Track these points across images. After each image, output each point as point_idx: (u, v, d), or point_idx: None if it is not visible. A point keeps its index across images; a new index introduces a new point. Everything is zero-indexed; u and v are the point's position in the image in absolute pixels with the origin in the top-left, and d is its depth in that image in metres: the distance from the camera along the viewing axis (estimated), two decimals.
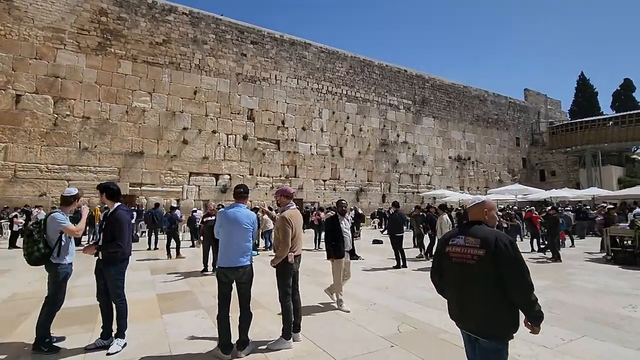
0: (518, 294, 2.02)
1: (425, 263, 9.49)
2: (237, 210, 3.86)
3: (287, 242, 4.05)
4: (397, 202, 9.30)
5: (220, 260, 3.78)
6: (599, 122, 30.27)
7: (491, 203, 2.35)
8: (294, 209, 4.36)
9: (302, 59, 24.25)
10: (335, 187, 24.64)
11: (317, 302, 5.75)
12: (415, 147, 28.71)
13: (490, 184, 32.31)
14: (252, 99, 22.27)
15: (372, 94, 27.07)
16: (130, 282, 7.18)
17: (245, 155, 21.72)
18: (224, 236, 3.82)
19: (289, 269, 4.14)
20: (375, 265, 9.23)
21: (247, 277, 3.79)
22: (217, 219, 3.95)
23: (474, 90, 33.15)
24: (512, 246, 2.04)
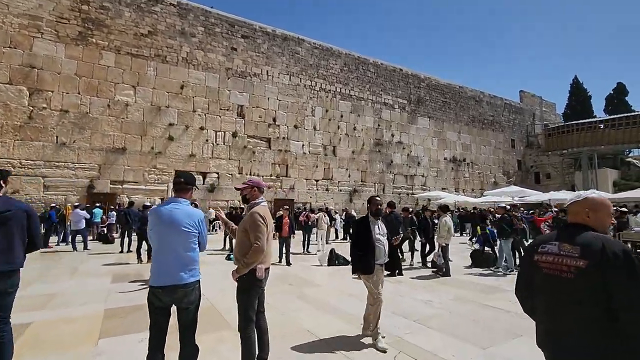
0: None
1: (422, 271, 8.49)
2: (174, 207, 2.79)
3: (261, 246, 2.98)
4: (392, 202, 8.30)
5: (152, 277, 2.73)
6: (595, 125, 29.61)
7: (600, 200, 1.72)
8: (266, 207, 3.32)
9: (294, 55, 23.23)
10: (328, 187, 23.62)
11: (296, 324, 4.69)
12: (410, 148, 27.80)
13: (485, 185, 31.50)
14: (243, 95, 21.20)
15: (367, 93, 26.12)
16: (82, 291, 6.15)
17: (234, 153, 20.63)
18: (156, 243, 2.76)
19: (256, 286, 3.08)
20: None
21: (191, 299, 2.73)
22: (149, 219, 2.88)
23: (470, 90, 32.36)
24: (628, 257, 1.48)
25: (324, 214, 11.46)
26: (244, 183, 3.49)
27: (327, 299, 5.84)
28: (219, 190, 19.96)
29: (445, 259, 7.78)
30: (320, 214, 11.52)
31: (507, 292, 6.48)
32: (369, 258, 4.02)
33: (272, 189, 21.51)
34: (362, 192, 24.95)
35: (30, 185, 15.79)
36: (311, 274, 7.96)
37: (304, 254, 11.20)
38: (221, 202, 20.03)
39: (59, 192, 16.29)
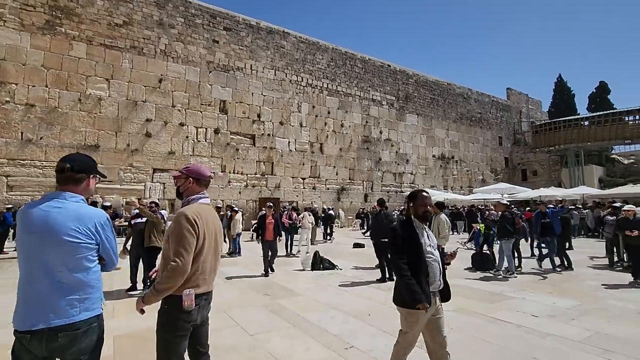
0: None
1: None
2: (52, 206, 1.79)
3: (182, 265, 2.01)
4: (382, 200, 7.43)
5: (16, 316, 1.75)
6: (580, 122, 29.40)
7: None
8: (206, 205, 2.35)
9: (280, 49, 22.20)
10: (315, 185, 22.68)
11: (264, 351, 3.72)
12: (399, 145, 27.06)
13: (473, 183, 31.02)
14: (225, 89, 20.08)
15: (355, 89, 25.26)
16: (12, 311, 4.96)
17: (216, 151, 19.51)
18: (22, 262, 1.78)
19: (182, 321, 2.07)
20: (355, 278, 7.29)
21: (82, 347, 1.75)
22: (17, 224, 1.86)
23: (458, 87, 31.83)
24: None
25: (309, 213, 10.52)
26: (178, 171, 2.47)
27: (307, 314, 4.90)
28: None
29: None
30: (305, 213, 10.57)
31: (512, 300, 5.65)
32: (421, 280, 2.53)
33: (256, 188, 20.47)
34: (350, 191, 24.10)
35: None
36: (292, 281, 7.02)
37: (286, 256, 10.24)
38: None
39: (25, 192, 14.94)
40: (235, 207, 11.12)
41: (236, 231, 10.01)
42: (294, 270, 8.06)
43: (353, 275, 7.61)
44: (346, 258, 9.86)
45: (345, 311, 5.01)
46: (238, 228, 10.01)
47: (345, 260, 9.50)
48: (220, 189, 19.41)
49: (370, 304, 5.39)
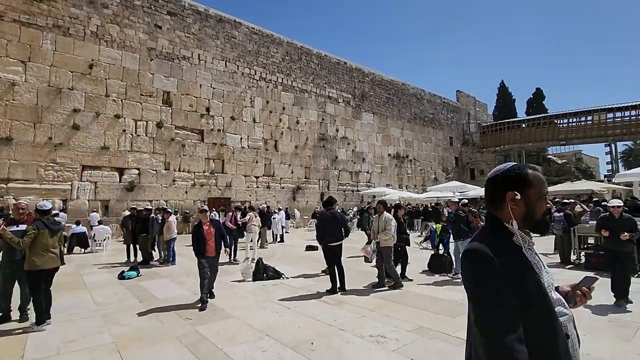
0: None
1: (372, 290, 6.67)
2: None
3: None
4: (332, 198, 6.41)
5: None
6: (522, 124, 30.80)
7: None
8: None
9: (231, 39, 20.59)
10: (269, 184, 21.37)
11: None
12: (355, 143, 26.52)
13: (427, 182, 31.39)
14: (169, 79, 18.13)
15: (310, 85, 24.27)
16: None
17: (159, 146, 17.53)
18: None
19: None
20: (302, 290, 6.22)
21: None
22: None
23: (412, 88, 32.05)
24: None
25: (255, 214, 9.26)
26: None
27: (232, 347, 3.74)
28: (140, 188, 16.77)
29: (390, 266, 6.07)
30: (251, 213, 9.31)
31: None
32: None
33: (205, 187, 18.76)
34: (306, 190, 23.08)
35: None
36: (225, 297, 5.79)
37: (229, 263, 8.93)
38: (143, 202, 16.82)
39: None
40: (168, 208, 9.56)
41: (170, 236, 8.52)
42: (233, 281, 6.82)
43: (300, 285, 6.53)
44: (295, 264, 8.78)
45: (283, 339, 3.91)
46: (172, 232, 8.54)
47: (294, 266, 8.41)
48: (164, 188, 17.48)
49: (316, 327, 4.34)
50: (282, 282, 6.73)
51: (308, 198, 23.18)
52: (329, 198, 6.47)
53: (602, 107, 25.58)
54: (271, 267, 6.80)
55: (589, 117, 26.17)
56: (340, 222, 6.13)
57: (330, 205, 6.25)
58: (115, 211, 15.96)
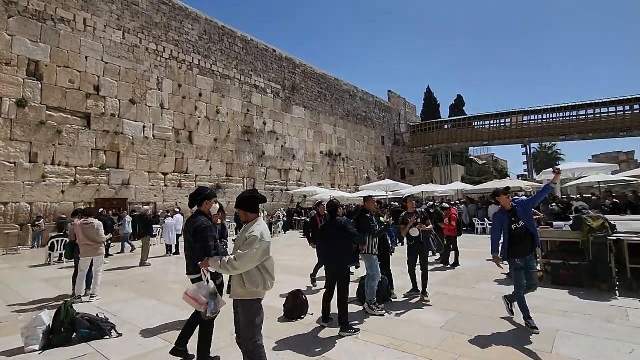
0: None
1: None
2: None
3: None
4: (334, 203, 4.00)
5: None
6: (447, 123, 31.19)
7: None
8: None
9: (131, 6, 16.63)
10: (181, 182, 17.80)
11: None
12: (285, 139, 24.00)
13: (359, 181, 30.13)
14: (38, 45, 13.71)
15: (234, 71, 21.14)
16: None
17: (21, 132, 13.06)
18: None
19: None
20: None
21: None
22: None
23: (345, 84, 30.58)
24: None
25: (87, 220, 5.87)
26: None
27: None
28: None
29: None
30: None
31: None
32: None
33: (92, 185, 14.63)
34: (228, 189, 19.90)
35: None
36: None
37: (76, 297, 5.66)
38: None
39: None
40: None
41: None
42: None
43: (139, 353, 3.66)
44: (168, 296, 5.83)
45: None
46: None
47: (163, 301, 5.51)
48: (27, 186, 13.05)
49: None
50: (104, 346, 3.76)
51: (230, 198, 19.97)
52: (330, 203, 4.51)
53: (519, 110, 26.75)
54: (88, 319, 3.78)
55: (507, 120, 27.14)
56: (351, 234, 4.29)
57: (335, 213, 4.37)
58: None
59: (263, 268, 2.57)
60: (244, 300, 2.58)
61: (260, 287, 2.54)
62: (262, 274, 2.56)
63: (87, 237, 5.66)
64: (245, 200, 2.77)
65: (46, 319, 3.55)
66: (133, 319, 4.51)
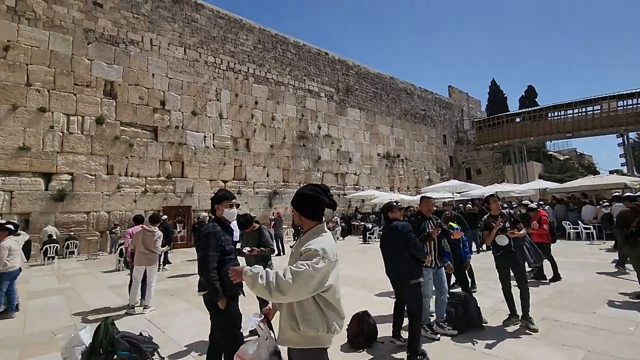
0: None
1: None
2: None
3: None
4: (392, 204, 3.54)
5: None
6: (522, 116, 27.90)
7: None
8: None
9: (191, 23, 17.43)
10: (240, 189, 18.04)
11: None
12: (340, 142, 23.35)
13: (420, 183, 28.28)
14: (113, 67, 14.87)
15: (287, 77, 21.14)
16: None
17: (100, 146, 14.19)
18: None
19: None
20: None
21: None
22: None
23: (401, 82, 29.09)
24: None
25: (150, 228, 5.66)
26: None
27: None
28: (73, 198, 13.35)
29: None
30: (137, 228, 5.84)
31: None
32: None
33: (160, 194, 15.40)
34: (285, 195, 19.76)
35: None
36: None
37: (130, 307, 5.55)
38: (77, 214, 13.45)
39: None
40: (13, 222, 5.97)
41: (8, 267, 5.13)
42: None
43: None
44: None
45: None
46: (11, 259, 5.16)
47: None
48: (106, 196, 14.09)
49: None
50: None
51: (287, 204, 19.80)
52: (386, 204, 4.06)
53: (612, 94, 22.71)
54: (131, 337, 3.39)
55: (596, 107, 23.26)
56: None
57: (390, 216, 3.92)
58: (38, 226, 12.52)
59: (323, 302, 1.74)
60: (300, 350, 1.78)
61: (321, 329, 1.72)
62: (322, 311, 1.73)
63: (145, 245, 5.46)
64: (303, 198, 1.92)
65: (85, 338, 3.21)
66: (179, 338, 4.09)
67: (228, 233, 2.91)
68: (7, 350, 3.95)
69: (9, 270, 5.10)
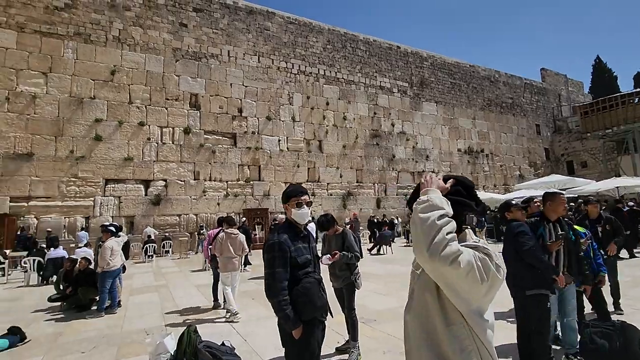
0: None
1: None
2: None
3: None
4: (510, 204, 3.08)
5: None
6: None
7: None
8: None
9: (264, 32, 18.04)
10: (314, 191, 18.02)
11: None
12: (416, 139, 21.96)
13: (509, 180, 25.19)
14: (196, 80, 16.07)
15: (358, 75, 20.60)
16: None
17: (187, 154, 15.41)
18: None
19: None
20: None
21: None
22: None
23: (483, 70, 26.36)
24: None
25: (232, 230, 5.53)
26: None
27: None
28: (167, 202, 14.71)
29: None
30: (221, 232, 5.75)
31: None
32: None
33: (239, 197, 16.14)
34: (359, 196, 19.22)
35: None
36: None
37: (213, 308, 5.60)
38: (171, 217, 14.76)
39: None
40: (114, 224, 6.39)
41: (111, 266, 5.52)
42: None
43: None
44: None
45: None
46: (113, 259, 5.53)
47: None
48: (194, 200, 15.23)
49: None
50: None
51: (361, 205, 19.25)
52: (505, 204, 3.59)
53: None
54: (213, 348, 3.17)
55: None
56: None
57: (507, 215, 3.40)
58: (140, 228, 14.05)
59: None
60: None
61: None
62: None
63: (233, 250, 5.28)
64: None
65: (170, 346, 3.11)
66: (261, 348, 3.82)
67: (302, 239, 2.28)
68: (109, 347, 4.15)
69: (112, 269, 5.53)
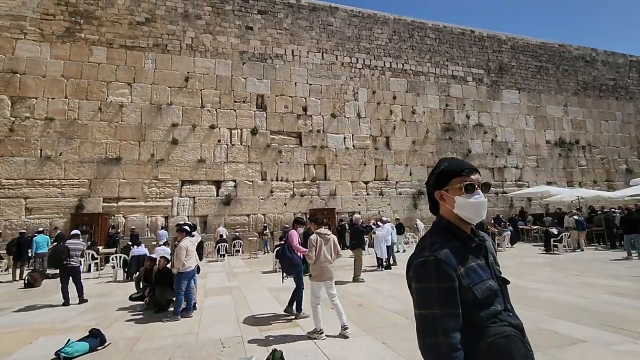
0: None
1: None
2: None
3: None
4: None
5: None
6: None
7: None
8: None
9: (327, 27, 17.55)
10: (382, 190, 16.99)
11: None
12: (495, 131, 19.63)
13: (613, 175, 21.33)
14: (262, 81, 16.14)
15: (427, 65, 19.05)
16: None
17: (255, 155, 15.51)
18: None
19: None
20: None
21: None
22: None
23: (576, 49, 22.76)
24: None
25: (322, 230, 4.93)
26: None
27: None
28: (236, 202, 14.93)
29: None
30: (290, 232, 5.07)
31: None
32: None
33: (306, 197, 15.80)
34: None
35: (11, 209, 12.58)
36: None
37: (294, 318, 5.06)
38: (240, 217, 14.94)
39: (43, 214, 12.85)
40: (188, 223, 6.12)
41: (186, 267, 5.26)
42: None
43: None
44: (390, 336, 4.20)
45: None
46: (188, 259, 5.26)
47: (388, 344, 3.91)
48: (261, 200, 15.25)
49: None
50: None
51: None
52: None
53: None
54: None
55: None
56: None
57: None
58: (213, 227, 14.43)
59: None
60: None
61: None
62: None
63: (330, 254, 4.54)
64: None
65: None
66: None
67: (474, 252, 1.19)
68: (183, 359, 3.77)
69: (187, 270, 5.29)
